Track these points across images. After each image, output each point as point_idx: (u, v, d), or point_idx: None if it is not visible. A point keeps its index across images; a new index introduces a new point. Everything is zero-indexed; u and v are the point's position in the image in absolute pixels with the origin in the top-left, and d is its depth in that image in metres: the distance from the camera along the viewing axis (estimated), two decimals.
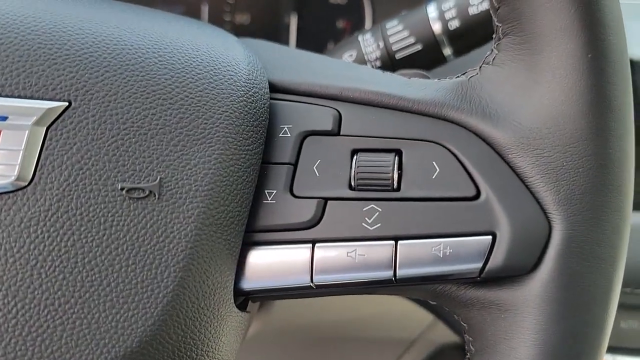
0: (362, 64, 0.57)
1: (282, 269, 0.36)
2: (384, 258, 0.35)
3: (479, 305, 0.35)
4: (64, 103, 0.34)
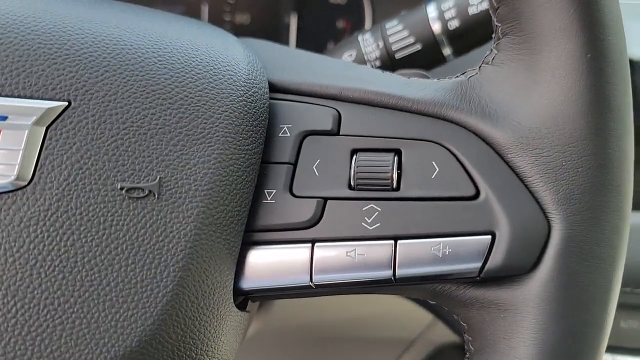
0: (361, 64, 0.57)
1: (281, 269, 0.36)
2: (384, 258, 0.35)
3: (479, 305, 0.35)
4: (64, 103, 0.34)
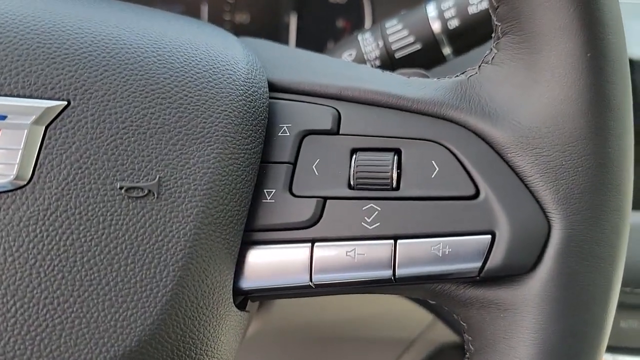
0: (361, 64, 0.57)
1: (281, 268, 0.36)
2: (383, 257, 0.35)
3: (479, 305, 0.35)
4: (63, 102, 0.34)
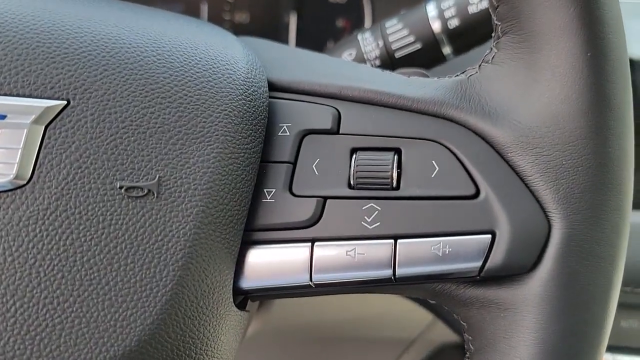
0: (361, 63, 0.57)
1: (281, 268, 0.36)
2: (383, 257, 0.35)
3: (479, 304, 0.35)
4: (63, 102, 0.34)
